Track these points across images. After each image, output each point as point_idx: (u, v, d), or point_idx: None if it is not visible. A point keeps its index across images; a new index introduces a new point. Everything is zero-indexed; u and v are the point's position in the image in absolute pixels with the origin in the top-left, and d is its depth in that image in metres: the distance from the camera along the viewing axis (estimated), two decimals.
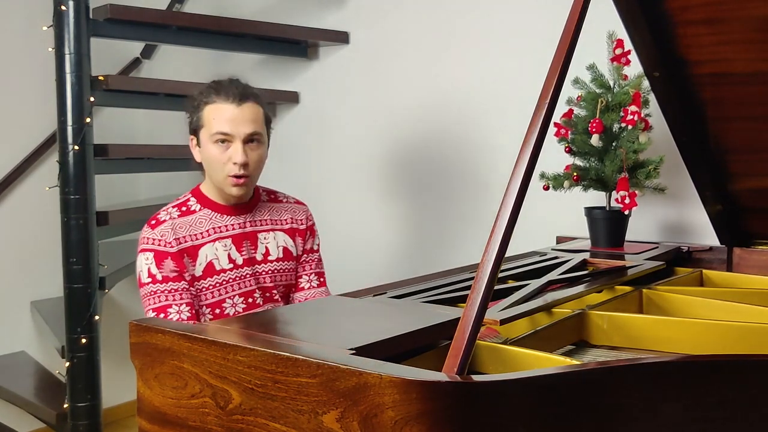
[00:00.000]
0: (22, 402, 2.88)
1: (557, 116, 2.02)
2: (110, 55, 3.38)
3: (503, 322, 1.32)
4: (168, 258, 1.80)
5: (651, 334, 1.44)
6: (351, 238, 3.05)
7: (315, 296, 1.98)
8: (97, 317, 2.48)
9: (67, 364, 2.48)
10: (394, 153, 2.94)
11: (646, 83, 1.90)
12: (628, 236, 2.12)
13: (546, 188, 2.09)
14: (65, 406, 2.52)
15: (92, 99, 2.45)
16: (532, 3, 2.51)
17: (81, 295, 2.46)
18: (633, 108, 1.97)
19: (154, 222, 1.84)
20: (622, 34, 1.83)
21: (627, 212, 2.02)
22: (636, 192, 1.99)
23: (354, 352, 1.07)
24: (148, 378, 1.22)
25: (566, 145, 2.08)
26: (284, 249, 1.96)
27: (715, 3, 1.57)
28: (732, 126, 1.79)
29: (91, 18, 2.46)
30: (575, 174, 2.05)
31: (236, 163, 1.81)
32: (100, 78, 2.51)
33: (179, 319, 1.77)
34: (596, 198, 2.21)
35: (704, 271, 1.96)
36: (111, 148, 2.60)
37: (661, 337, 1.43)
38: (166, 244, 1.81)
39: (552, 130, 2.05)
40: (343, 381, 0.96)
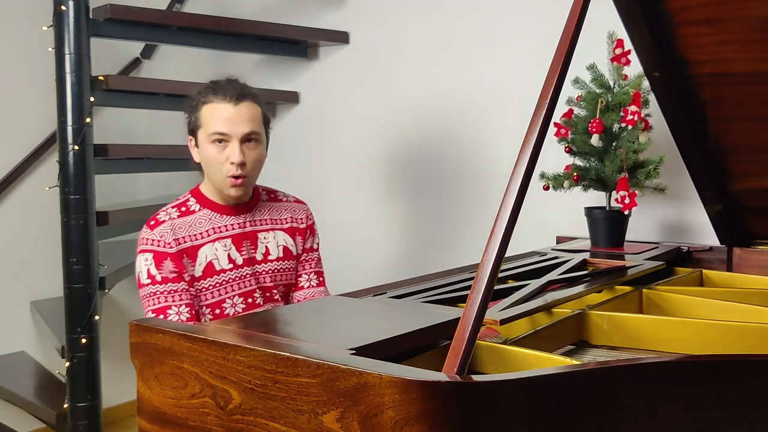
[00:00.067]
0: (22, 402, 2.88)
1: (557, 116, 2.02)
2: (110, 55, 3.38)
3: (503, 322, 1.32)
4: (167, 259, 1.80)
5: (651, 334, 1.44)
6: (351, 238, 3.05)
7: (314, 295, 1.98)
8: (97, 317, 2.48)
9: (67, 364, 2.48)
10: (394, 153, 2.94)
11: (646, 83, 1.90)
12: (628, 236, 2.12)
13: (546, 188, 2.09)
14: (65, 406, 2.52)
15: (92, 99, 2.45)
16: (532, 3, 2.51)
17: (81, 295, 2.46)
18: (633, 108, 1.97)
19: (153, 223, 1.83)
20: (622, 34, 1.83)
21: (627, 212, 2.02)
22: (636, 192, 1.99)
23: (354, 352, 1.07)
24: (148, 378, 1.22)
25: (566, 145, 2.08)
26: (284, 248, 1.96)
27: (715, 3, 1.56)
28: (732, 126, 1.79)
29: (91, 18, 2.46)
30: (575, 174, 2.05)
31: (233, 163, 1.81)
32: (100, 78, 2.51)
33: (179, 320, 1.77)
34: (596, 198, 2.21)
35: (704, 271, 1.96)
36: (111, 148, 2.60)
37: (661, 337, 1.43)
38: (165, 245, 1.80)
39: (552, 130, 2.05)
40: (343, 381, 0.96)
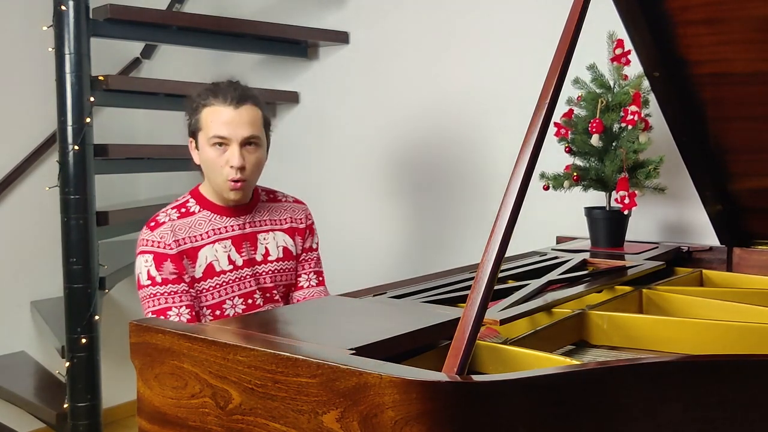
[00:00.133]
0: (22, 402, 2.88)
1: (557, 116, 2.02)
2: (110, 55, 3.38)
3: (503, 322, 1.32)
4: (167, 260, 1.79)
5: (651, 334, 1.44)
6: (351, 238, 3.05)
7: (314, 295, 1.98)
8: (97, 317, 2.48)
9: (67, 364, 2.48)
10: (394, 153, 2.94)
11: (646, 83, 1.90)
12: (628, 236, 2.12)
13: (546, 188, 2.09)
14: (65, 406, 2.52)
15: (92, 99, 2.45)
16: (532, 3, 2.51)
17: (81, 295, 2.46)
18: (633, 108, 1.97)
19: (153, 224, 1.83)
20: (622, 34, 1.83)
21: (627, 212, 2.02)
22: (636, 192, 1.99)
23: (354, 352, 1.07)
24: (148, 378, 1.22)
25: (566, 145, 2.08)
26: (284, 249, 1.96)
27: (715, 3, 1.56)
28: (732, 126, 1.79)
29: (91, 18, 2.46)
30: (575, 174, 2.05)
31: (233, 166, 1.80)
32: (100, 78, 2.51)
33: (179, 321, 1.77)
34: (596, 198, 2.21)
35: (704, 271, 1.96)
36: (111, 148, 2.60)
37: (661, 337, 1.43)
38: (165, 246, 1.80)
39: (552, 130, 2.05)
40: (343, 381, 0.96)
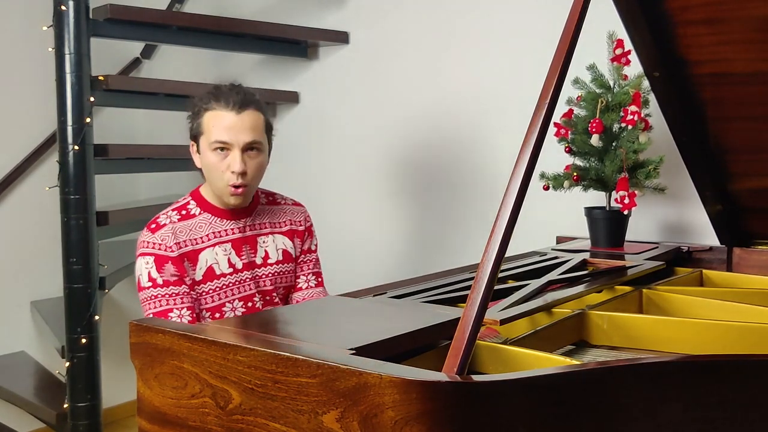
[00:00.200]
0: (22, 402, 2.88)
1: (557, 116, 2.02)
2: (110, 55, 3.38)
3: (503, 322, 1.32)
4: (169, 262, 1.79)
5: (651, 334, 1.44)
6: (351, 238, 3.05)
7: (312, 296, 1.98)
8: (97, 317, 2.47)
9: (67, 364, 2.48)
10: (394, 153, 2.94)
11: (646, 83, 1.90)
12: (628, 236, 2.12)
13: (546, 188, 2.09)
14: (65, 406, 2.52)
15: (92, 99, 2.45)
16: (532, 3, 2.51)
17: (81, 295, 2.46)
18: (633, 108, 1.97)
19: (154, 226, 1.82)
20: (622, 34, 1.83)
21: (627, 212, 2.02)
22: (636, 192, 1.99)
23: (354, 352, 1.07)
24: (148, 378, 1.22)
25: (566, 145, 2.08)
26: (284, 251, 1.96)
27: (715, 3, 1.56)
28: (732, 126, 1.79)
29: (91, 18, 2.46)
30: (575, 174, 2.05)
31: (234, 171, 1.79)
32: (100, 78, 2.51)
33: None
34: (596, 198, 2.21)
35: (704, 271, 1.96)
36: (111, 148, 2.60)
37: (661, 337, 1.43)
38: (167, 249, 1.79)
39: (552, 130, 2.05)
40: (343, 381, 0.96)
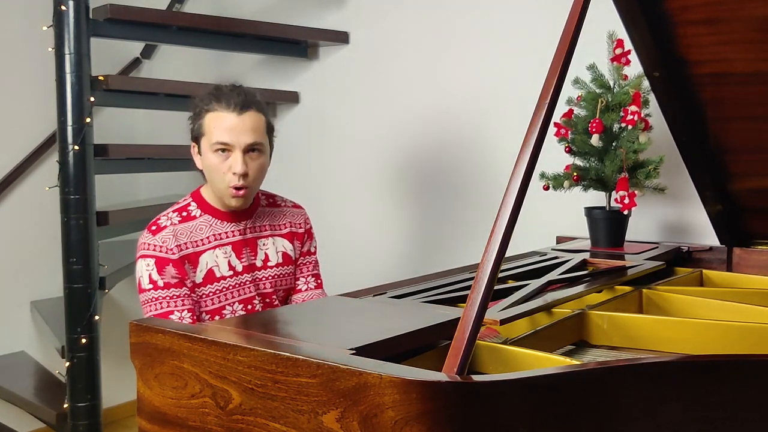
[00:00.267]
0: (22, 402, 2.88)
1: (557, 116, 2.02)
2: (110, 55, 3.38)
3: (503, 322, 1.32)
4: (169, 264, 1.78)
5: (651, 334, 1.44)
6: (351, 238, 3.05)
7: (312, 298, 1.98)
8: (97, 317, 2.47)
9: (67, 364, 2.48)
10: (394, 153, 2.94)
11: (646, 83, 1.90)
12: (628, 236, 2.12)
13: (546, 188, 2.09)
14: (65, 406, 2.52)
15: (92, 99, 2.45)
16: (532, 3, 2.51)
17: (81, 295, 2.46)
18: (633, 108, 1.97)
19: (154, 228, 1.81)
20: (622, 34, 1.83)
21: (627, 212, 2.02)
22: (636, 192, 1.99)
23: (354, 352, 1.07)
24: (148, 378, 1.22)
25: (566, 145, 2.08)
26: (283, 254, 1.96)
27: (715, 3, 1.56)
28: (732, 126, 1.79)
29: (91, 18, 2.46)
30: (575, 174, 2.05)
31: (236, 173, 1.79)
32: (100, 78, 2.51)
33: None
34: (596, 198, 2.21)
35: (704, 271, 1.96)
36: (111, 148, 2.60)
37: (661, 337, 1.43)
38: (167, 251, 1.79)
39: (552, 130, 2.05)
40: (343, 381, 0.96)
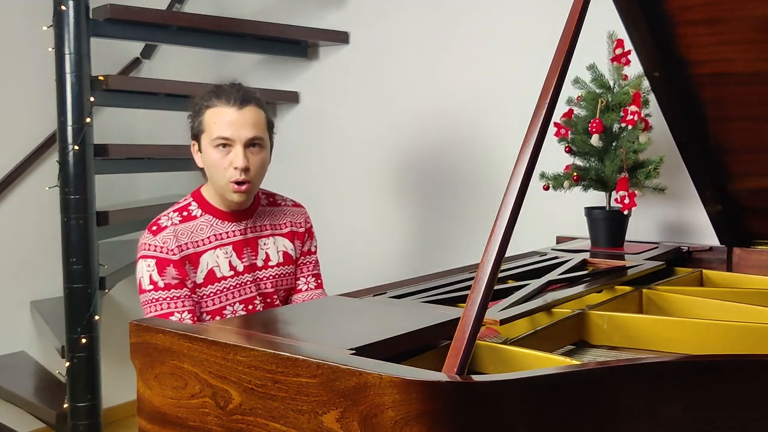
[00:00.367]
0: (22, 402, 2.88)
1: (557, 116, 2.02)
2: (110, 55, 3.38)
3: (503, 322, 1.32)
4: (170, 265, 1.78)
5: (651, 334, 1.44)
6: (351, 238, 3.05)
7: (312, 298, 1.98)
8: (97, 317, 2.47)
9: (67, 364, 2.48)
10: (394, 153, 2.94)
11: (646, 83, 1.90)
12: (628, 236, 2.12)
13: (546, 188, 2.09)
14: (65, 406, 2.52)
15: (92, 99, 2.45)
16: (532, 3, 2.51)
17: (81, 295, 2.46)
18: (633, 108, 1.97)
19: (155, 228, 1.81)
20: (622, 34, 1.83)
21: (627, 212, 2.02)
22: (636, 192, 1.99)
23: (354, 352, 1.07)
24: (148, 378, 1.22)
25: (566, 145, 2.08)
26: (284, 253, 1.96)
27: (715, 3, 1.56)
28: (732, 126, 1.79)
29: (91, 18, 2.46)
30: (575, 174, 2.05)
31: (237, 167, 1.78)
32: (100, 78, 2.51)
33: None
34: (596, 198, 2.21)
35: (704, 271, 1.96)
36: (111, 148, 2.60)
37: (661, 337, 1.43)
38: (168, 251, 1.78)
39: (552, 130, 2.05)
40: (343, 381, 0.96)
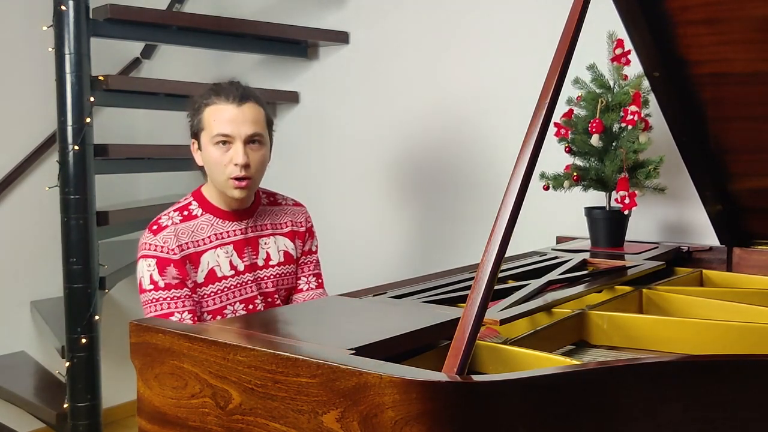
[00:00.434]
0: (22, 402, 2.88)
1: (557, 116, 2.02)
2: (110, 55, 3.38)
3: (503, 322, 1.32)
4: (171, 265, 1.78)
5: (651, 334, 1.44)
6: (351, 238, 3.05)
7: (313, 297, 1.98)
8: (97, 317, 2.47)
9: (67, 364, 2.48)
10: (394, 153, 2.94)
11: (646, 83, 1.90)
12: (628, 236, 2.12)
13: (546, 188, 2.09)
14: (65, 406, 2.52)
15: (92, 99, 2.45)
16: (532, 3, 2.51)
17: (81, 295, 2.46)
18: (633, 108, 1.97)
19: (156, 227, 1.81)
20: (622, 34, 1.83)
21: (627, 212, 2.02)
22: (636, 192, 1.99)
23: (354, 352, 1.07)
24: (148, 378, 1.22)
25: (566, 145, 2.08)
26: (285, 253, 1.96)
27: (715, 3, 1.56)
28: (732, 126, 1.79)
29: (91, 18, 2.46)
30: (575, 174, 2.05)
31: (237, 164, 1.78)
32: (100, 78, 2.51)
33: None
34: (596, 198, 2.21)
35: (704, 271, 1.96)
36: (111, 148, 2.60)
37: (661, 337, 1.43)
38: (169, 251, 1.78)
39: (552, 130, 2.05)
40: (343, 381, 0.96)
